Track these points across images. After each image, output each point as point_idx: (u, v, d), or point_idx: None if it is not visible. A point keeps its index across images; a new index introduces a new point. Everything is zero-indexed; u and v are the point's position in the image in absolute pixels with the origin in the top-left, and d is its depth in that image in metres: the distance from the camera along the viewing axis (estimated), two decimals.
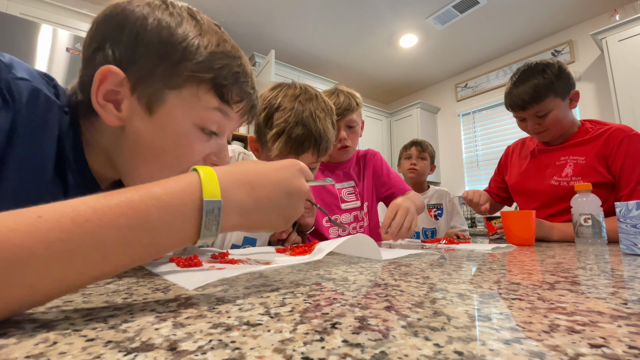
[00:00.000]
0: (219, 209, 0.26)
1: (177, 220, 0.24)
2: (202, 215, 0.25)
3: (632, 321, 0.19)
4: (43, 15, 1.89)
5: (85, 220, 0.20)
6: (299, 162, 0.36)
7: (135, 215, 0.22)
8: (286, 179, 0.33)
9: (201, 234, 0.25)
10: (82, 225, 0.20)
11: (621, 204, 0.60)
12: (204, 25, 0.40)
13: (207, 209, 0.25)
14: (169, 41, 0.37)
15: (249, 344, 0.16)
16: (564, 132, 1.05)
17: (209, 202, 0.25)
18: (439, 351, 0.15)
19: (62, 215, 0.20)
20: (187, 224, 0.25)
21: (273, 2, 2.47)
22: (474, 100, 3.45)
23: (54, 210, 0.20)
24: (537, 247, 0.74)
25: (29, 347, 0.16)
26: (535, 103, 0.98)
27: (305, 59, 3.25)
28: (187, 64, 0.38)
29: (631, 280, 0.33)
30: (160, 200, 0.24)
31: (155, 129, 0.39)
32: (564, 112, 1.00)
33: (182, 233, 0.25)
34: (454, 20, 2.69)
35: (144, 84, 0.37)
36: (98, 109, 0.37)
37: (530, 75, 0.98)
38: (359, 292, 0.28)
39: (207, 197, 0.25)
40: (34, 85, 0.35)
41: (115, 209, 0.22)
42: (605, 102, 2.54)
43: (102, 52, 0.37)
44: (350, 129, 1.04)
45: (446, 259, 0.53)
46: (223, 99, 0.41)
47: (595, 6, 2.57)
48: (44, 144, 0.36)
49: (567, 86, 0.99)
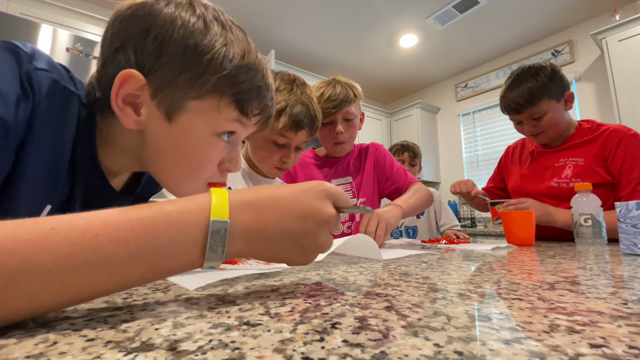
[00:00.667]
0: (225, 229, 0.24)
1: (183, 239, 0.24)
2: (207, 236, 0.24)
3: (632, 321, 0.19)
4: (43, 15, 1.89)
5: (96, 235, 0.20)
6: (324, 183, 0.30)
7: (143, 232, 0.22)
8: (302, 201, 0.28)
9: (206, 256, 0.24)
10: (92, 240, 0.20)
11: (621, 204, 0.60)
12: (230, 32, 0.39)
13: (212, 229, 0.24)
14: (194, 51, 0.36)
15: (249, 344, 0.16)
16: (560, 133, 1.05)
17: (216, 222, 0.24)
18: (439, 351, 0.15)
19: (74, 229, 0.20)
20: (193, 243, 0.24)
21: (273, 2, 2.47)
22: (474, 100, 3.45)
23: (68, 223, 0.20)
24: (537, 247, 0.74)
25: (29, 347, 0.16)
26: (530, 106, 0.99)
27: (305, 59, 3.25)
28: (211, 77, 0.37)
29: (631, 280, 0.33)
30: (170, 217, 0.23)
31: (174, 136, 0.38)
32: (559, 114, 1.01)
33: (187, 252, 0.24)
34: (454, 20, 2.69)
35: (165, 91, 0.37)
36: (117, 111, 0.36)
37: (523, 79, 1.00)
38: (359, 292, 0.28)
39: (214, 217, 0.24)
40: (53, 76, 0.34)
41: (126, 225, 0.22)
42: (605, 102, 2.54)
43: (124, 54, 0.36)
44: (347, 122, 0.98)
45: (446, 259, 0.53)
46: (243, 112, 0.41)
47: (595, 6, 2.57)
48: (62, 137, 0.36)
49: (561, 88, 1.00)
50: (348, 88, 0.96)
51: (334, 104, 0.93)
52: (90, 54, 1.87)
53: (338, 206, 0.30)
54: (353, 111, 0.98)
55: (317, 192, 0.29)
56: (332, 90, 0.94)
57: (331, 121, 0.96)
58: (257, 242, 0.27)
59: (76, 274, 0.20)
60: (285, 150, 0.76)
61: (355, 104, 0.98)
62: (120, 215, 0.22)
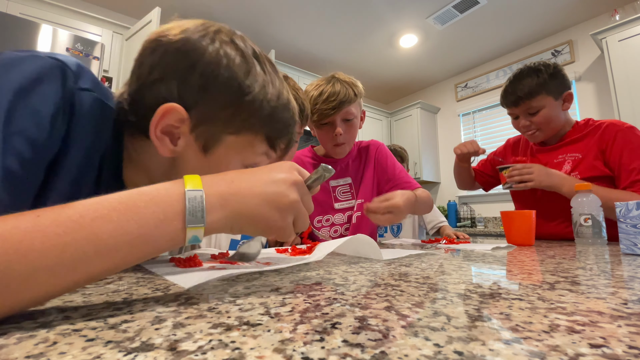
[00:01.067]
0: (201, 196, 0.27)
1: (163, 210, 0.25)
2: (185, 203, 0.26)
3: (632, 321, 0.19)
4: (43, 15, 1.89)
5: (80, 215, 0.22)
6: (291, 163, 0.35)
7: (125, 209, 0.24)
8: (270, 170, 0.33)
9: (187, 220, 0.26)
10: (77, 220, 0.22)
11: (621, 204, 0.60)
12: (266, 71, 0.41)
13: (189, 196, 0.26)
14: (237, 91, 0.38)
15: (249, 344, 0.16)
16: (554, 132, 1.06)
17: (191, 191, 0.27)
18: (439, 351, 0.15)
19: (59, 213, 0.22)
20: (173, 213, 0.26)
21: (273, 2, 2.47)
22: (474, 100, 3.45)
23: (52, 210, 0.22)
24: (537, 247, 0.74)
25: (29, 347, 0.16)
26: (527, 99, 1.01)
27: (305, 59, 3.25)
28: (250, 118, 0.39)
29: (631, 280, 0.33)
30: (148, 194, 0.26)
31: (207, 167, 0.39)
32: (555, 112, 1.02)
33: (169, 222, 0.25)
34: (454, 20, 2.69)
35: (204, 126, 0.38)
36: (154, 140, 0.37)
37: (525, 74, 1.02)
38: (359, 292, 0.28)
39: (188, 187, 0.27)
40: (96, 95, 0.36)
41: (107, 205, 0.23)
42: (605, 102, 2.54)
43: (166, 86, 0.37)
44: (347, 123, 0.94)
45: (446, 259, 0.53)
46: (272, 147, 0.43)
47: (595, 6, 2.57)
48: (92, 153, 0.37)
49: (560, 86, 1.01)
50: (348, 86, 0.92)
51: (333, 104, 0.89)
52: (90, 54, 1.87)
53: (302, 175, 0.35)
54: (353, 111, 0.93)
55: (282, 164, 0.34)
56: (332, 89, 0.90)
57: (330, 122, 0.93)
58: (233, 206, 0.29)
59: (65, 252, 0.21)
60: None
61: (356, 103, 0.94)
62: (101, 198, 0.24)
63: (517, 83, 1.03)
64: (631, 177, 0.92)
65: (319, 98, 0.90)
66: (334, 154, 1.01)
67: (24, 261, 0.19)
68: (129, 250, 0.24)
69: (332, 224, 1.02)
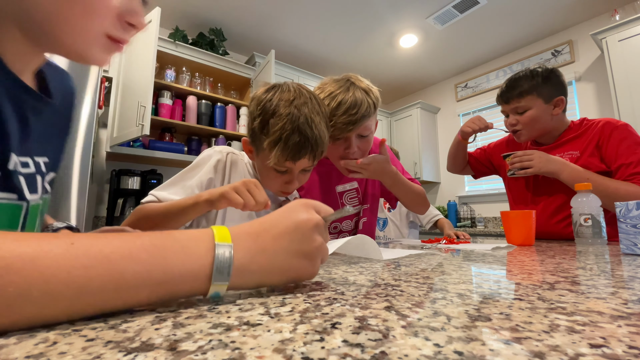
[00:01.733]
0: (230, 252, 0.26)
1: (191, 261, 0.25)
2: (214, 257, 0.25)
3: (632, 321, 0.19)
4: None
5: (111, 252, 0.22)
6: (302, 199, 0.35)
7: (155, 252, 0.23)
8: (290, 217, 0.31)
9: (213, 277, 0.25)
10: (108, 256, 0.21)
11: (621, 204, 0.60)
12: None
13: (218, 251, 0.26)
14: None
15: (249, 344, 0.16)
16: (539, 134, 1.08)
17: (220, 245, 0.26)
18: (439, 351, 0.15)
19: (92, 245, 0.22)
20: (200, 265, 0.25)
21: (273, 2, 2.47)
22: (474, 100, 3.45)
23: (87, 240, 0.22)
24: (537, 247, 0.74)
25: (29, 347, 0.16)
26: (517, 98, 1.05)
27: (305, 59, 3.24)
28: None
29: (631, 280, 0.33)
30: (179, 241, 0.25)
31: None
32: (542, 115, 1.04)
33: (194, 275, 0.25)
34: (454, 20, 2.69)
35: None
36: None
37: (522, 75, 1.06)
38: (359, 292, 0.28)
39: (218, 241, 0.26)
40: None
41: (139, 245, 0.23)
42: (605, 102, 2.54)
43: None
44: (362, 139, 0.82)
45: (446, 259, 0.53)
46: None
47: (595, 6, 2.57)
48: None
49: (552, 91, 1.03)
50: (367, 97, 0.79)
51: (353, 118, 0.76)
52: None
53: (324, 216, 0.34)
54: (370, 126, 0.82)
55: (299, 206, 0.33)
56: (352, 99, 0.77)
57: (345, 137, 0.81)
58: (261, 262, 0.28)
59: (87, 287, 0.20)
60: (288, 176, 0.71)
61: (373, 116, 0.82)
62: (135, 237, 0.24)
63: (512, 82, 1.07)
64: (628, 170, 0.92)
65: (337, 110, 0.77)
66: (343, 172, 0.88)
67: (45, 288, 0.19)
68: (148, 295, 0.23)
69: (340, 231, 0.98)
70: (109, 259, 0.21)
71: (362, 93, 0.79)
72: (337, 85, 0.80)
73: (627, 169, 0.93)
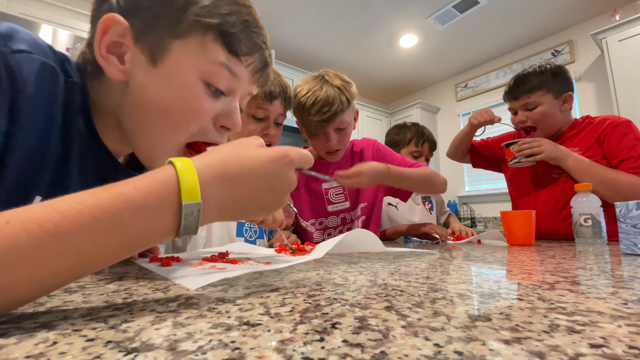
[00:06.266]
0: (198, 211, 0.24)
1: (153, 222, 0.23)
2: (180, 217, 0.24)
3: (632, 321, 0.19)
4: (43, 15, 1.89)
5: (55, 225, 0.19)
6: (290, 152, 0.31)
7: (108, 219, 0.21)
8: (272, 173, 0.30)
9: (180, 232, 0.24)
10: (51, 231, 0.19)
11: (621, 204, 0.60)
12: None
13: (186, 212, 0.24)
14: None
15: (249, 344, 0.16)
16: (549, 131, 1.07)
17: (189, 205, 0.24)
18: (439, 351, 0.15)
19: (29, 220, 0.19)
20: (165, 224, 0.24)
21: (273, 2, 2.47)
22: (474, 100, 3.44)
23: (22, 215, 0.20)
24: (537, 247, 0.74)
25: (29, 347, 0.16)
26: (527, 94, 1.04)
27: (305, 59, 3.25)
28: (192, 8, 0.36)
29: (631, 280, 0.33)
30: (134, 203, 0.22)
31: (160, 82, 0.37)
32: (553, 110, 1.04)
33: (159, 234, 0.24)
34: (454, 20, 2.69)
35: (147, 33, 0.36)
36: (101, 61, 0.35)
37: (531, 72, 1.06)
38: (359, 292, 0.28)
39: (185, 199, 0.24)
40: (34, 56, 0.32)
41: (87, 214, 0.21)
42: (605, 102, 2.54)
43: (107, 2, 0.36)
44: (340, 131, 0.90)
45: (446, 258, 0.53)
46: (231, 50, 0.38)
47: (595, 6, 2.57)
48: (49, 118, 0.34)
49: (561, 86, 1.03)
50: (340, 93, 0.85)
51: (325, 117, 0.84)
52: None
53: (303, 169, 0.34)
54: (346, 119, 0.89)
55: (284, 164, 0.31)
56: (324, 96, 0.84)
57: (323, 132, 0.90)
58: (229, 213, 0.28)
59: (43, 264, 0.19)
60: (265, 123, 0.81)
61: (349, 110, 0.89)
62: (77, 203, 0.21)
63: (520, 78, 1.07)
64: (629, 164, 0.93)
65: (312, 109, 0.85)
66: (328, 160, 0.99)
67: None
68: (113, 255, 0.22)
69: (325, 227, 1.01)
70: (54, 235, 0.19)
71: (334, 90, 0.85)
72: (312, 84, 0.88)
73: (628, 163, 0.93)
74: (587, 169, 0.94)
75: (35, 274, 0.19)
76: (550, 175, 1.07)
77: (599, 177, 0.90)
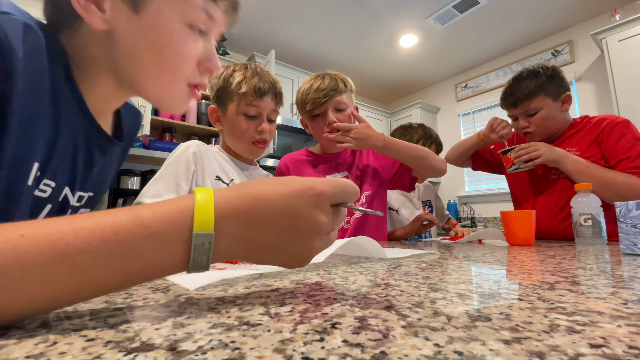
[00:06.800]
0: (210, 242, 0.23)
1: (163, 250, 0.22)
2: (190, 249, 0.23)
3: (632, 321, 0.19)
4: None
5: (66, 244, 0.19)
6: (317, 184, 0.26)
7: (118, 244, 0.21)
8: (294, 209, 0.25)
9: (190, 266, 0.23)
10: (61, 250, 0.19)
11: (621, 204, 0.60)
12: None
13: (196, 243, 0.22)
14: None
15: (249, 344, 0.16)
16: (552, 134, 1.08)
17: (199, 235, 0.22)
18: (439, 351, 0.15)
19: (44, 237, 0.19)
20: (175, 254, 0.23)
21: (273, 2, 2.47)
22: (474, 100, 3.44)
23: (38, 230, 0.19)
24: (537, 247, 0.74)
25: (29, 347, 0.16)
26: (526, 100, 1.03)
27: (305, 59, 3.24)
28: None
29: (631, 280, 0.33)
30: (148, 227, 0.22)
31: (146, 29, 0.37)
32: (553, 113, 1.04)
33: (169, 265, 0.23)
34: (454, 20, 2.69)
35: None
36: (80, 10, 0.34)
37: (525, 76, 1.05)
38: (359, 292, 0.28)
39: (197, 229, 0.22)
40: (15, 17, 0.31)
41: (98, 235, 0.20)
42: (605, 102, 2.54)
43: None
44: (340, 112, 0.95)
45: (446, 259, 0.53)
46: None
47: (595, 6, 2.57)
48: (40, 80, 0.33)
49: (559, 88, 1.03)
50: (337, 79, 0.95)
51: (324, 92, 0.92)
52: None
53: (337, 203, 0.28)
54: (345, 101, 0.95)
55: (308, 198, 0.26)
56: (321, 82, 0.93)
57: (322, 112, 0.94)
58: (244, 250, 0.25)
59: (48, 284, 0.19)
60: (258, 120, 0.82)
61: (347, 95, 0.96)
62: (91, 222, 0.21)
63: (516, 85, 1.06)
64: (627, 164, 0.93)
65: (310, 89, 0.94)
66: (330, 148, 1.01)
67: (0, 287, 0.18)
68: (120, 283, 0.21)
69: None
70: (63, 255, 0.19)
71: (332, 78, 0.95)
72: (312, 76, 0.98)
73: (626, 163, 0.93)
74: (584, 170, 0.94)
75: (37, 293, 0.19)
76: (549, 177, 1.07)
77: (597, 178, 0.90)
